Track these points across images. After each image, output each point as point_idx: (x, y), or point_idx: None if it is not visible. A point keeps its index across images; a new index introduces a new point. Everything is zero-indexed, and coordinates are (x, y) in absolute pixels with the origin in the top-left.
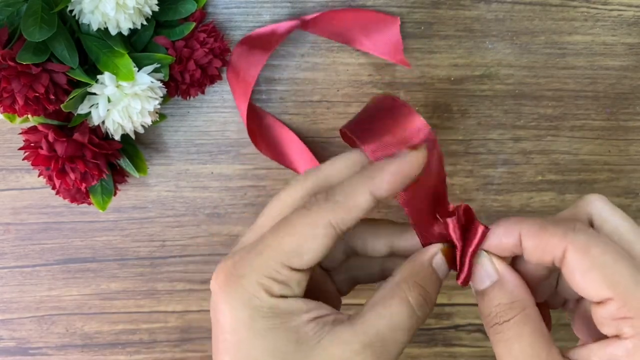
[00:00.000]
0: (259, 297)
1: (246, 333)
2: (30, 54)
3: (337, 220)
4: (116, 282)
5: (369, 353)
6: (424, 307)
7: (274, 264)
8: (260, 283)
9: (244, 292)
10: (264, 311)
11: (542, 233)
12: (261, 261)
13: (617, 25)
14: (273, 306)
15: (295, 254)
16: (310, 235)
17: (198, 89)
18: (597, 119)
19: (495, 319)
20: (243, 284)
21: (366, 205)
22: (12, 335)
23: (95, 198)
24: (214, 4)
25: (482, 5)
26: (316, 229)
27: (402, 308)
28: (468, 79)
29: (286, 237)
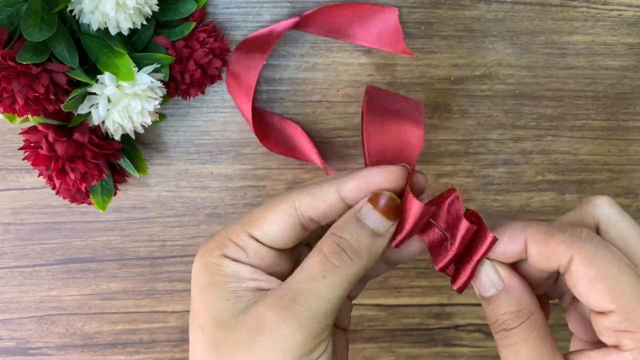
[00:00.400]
0: (212, 254)
1: (196, 287)
2: (30, 54)
3: (299, 202)
4: (116, 282)
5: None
6: (338, 254)
7: (236, 228)
8: (220, 242)
9: (204, 250)
10: (211, 267)
11: (548, 240)
12: (230, 227)
13: (617, 25)
14: (219, 264)
15: (256, 221)
16: (273, 209)
17: (198, 89)
18: (597, 119)
19: (503, 325)
20: (207, 245)
21: (329, 198)
22: (12, 335)
23: (95, 198)
24: (214, 4)
25: (482, 5)
26: (280, 205)
27: (314, 258)
28: (468, 79)
29: (255, 210)
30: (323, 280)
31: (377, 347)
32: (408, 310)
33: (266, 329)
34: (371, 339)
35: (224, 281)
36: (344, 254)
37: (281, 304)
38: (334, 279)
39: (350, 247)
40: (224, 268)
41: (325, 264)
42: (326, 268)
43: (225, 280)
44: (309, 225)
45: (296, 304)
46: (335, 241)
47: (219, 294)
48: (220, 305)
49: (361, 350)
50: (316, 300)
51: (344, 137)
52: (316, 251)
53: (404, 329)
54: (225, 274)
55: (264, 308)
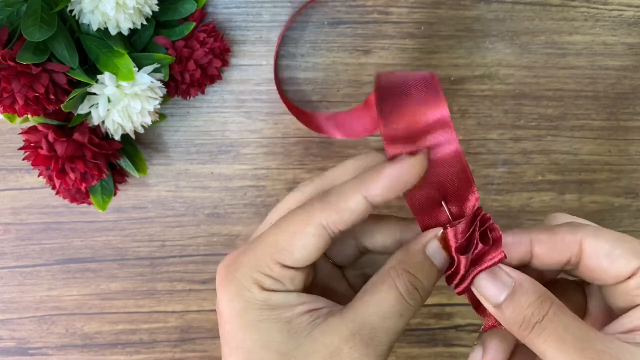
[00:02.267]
0: (251, 290)
1: (240, 324)
2: (30, 53)
3: (328, 220)
4: (116, 282)
5: (358, 340)
6: (413, 294)
7: (265, 260)
8: (253, 277)
9: (238, 285)
10: (257, 304)
11: (554, 235)
12: (254, 256)
13: (617, 25)
14: (265, 299)
15: (286, 251)
16: (301, 233)
17: (198, 88)
18: (597, 119)
19: (533, 318)
20: (237, 277)
21: (358, 208)
22: (12, 335)
23: (95, 198)
24: (213, 3)
25: (482, 5)
26: (307, 228)
27: (390, 295)
28: (468, 79)
29: (279, 234)
30: (400, 318)
31: None
32: None
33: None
34: None
35: (277, 315)
36: (417, 294)
37: (360, 339)
38: (408, 316)
39: (423, 287)
40: (269, 302)
41: (402, 304)
42: (403, 308)
43: (277, 315)
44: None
45: (375, 341)
46: (410, 281)
47: (276, 328)
48: (280, 339)
49: None
50: (393, 336)
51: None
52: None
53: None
54: (274, 306)
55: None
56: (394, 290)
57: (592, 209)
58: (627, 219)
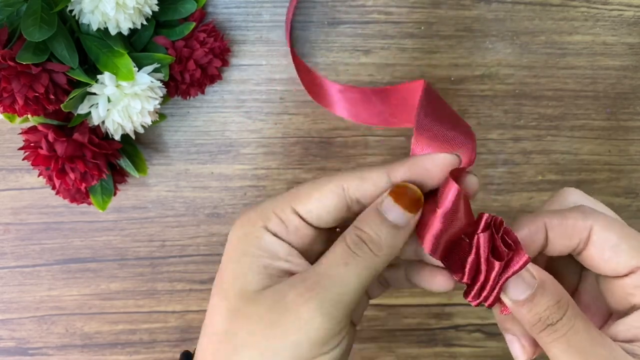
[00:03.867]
0: (254, 226)
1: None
2: (30, 53)
3: (348, 183)
4: (116, 282)
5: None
6: (359, 244)
7: (281, 202)
8: (263, 214)
9: (246, 219)
10: (250, 238)
11: (565, 220)
12: (273, 200)
13: (618, 25)
14: (259, 236)
15: (302, 198)
16: (320, 188)
17: (198, 88)
18: (597, 119)
19: (548, 321)
20: (250, 213)
21: (379, 182)
22: (12, 335)
23: (95, 198)
24: (213, 3)
25: (482, 5)
26: (328, 184)
27: (338, 247)
28: (468, 79)
29: (301, 188)
30: (345, 267)
31: (377, 347)
32: (408, 310)
33: (287, 309)
34: (371, 338)
35: (259, 254)
36: (364, 246)
37: (305, 285)
38: (356, 267)
39: (370, 239)
40: (262, 241)
41: (347, 253)
42: (348, 256)
43: (260, 254)
44: (354, 206)
45: (319, 287)
46: (356, 233)
47: (250, 267)
48: (248, 278)
49: (361, 350)
50: (338, 285)
51: (344, 137)
52: (339, 241)
53: (404, 329)
54: (262, 247)
55: (287, 287)
56: (340, 242)
57: None
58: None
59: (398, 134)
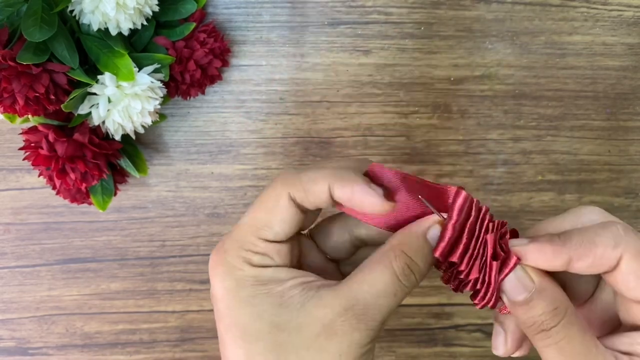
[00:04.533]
0: (242, 269)
1: (234, 301)
2: (31, 54)
3: (295, 194)
4: (116, 282)
5: (350, 315)
6: (409, 276)
7: (249, 237)
8: (241, 256)
9: (228, 266)
10: (248, 280)
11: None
12: (239, 237)
13: (617, 25)
14: (256, 275)
15: (266, 226)
16: (275, 207)
17: (198, 89)
18: (597, 119)
19: (542, 326)
20: (227, 258)
21: (322, 197)
22: (12, 335)
23: (95, 198)
24: (214, 4)
25: (482, 5)
26: (279, 201)
27: (385, 275)
28: (468, 79)
29: (257, 212)
30: (394, 297)
31: (377, 347)
32: (408, 310)
33: (337, 335)
34: None
35: (269, 288)
36: (413, 277)
37: (353, 314)
38: (402, 296)
39: (419, 270)
40: (261, 277)
41: (397, 284)
42: (398, 288)
43: (269, 287)
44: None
45: (368, 317)
46: (407, 263)
47: (269, 301)
48: (274, 311)
49: None
50: (386, 314)
51: (344, 137)
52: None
53: (404, 329)
54: (265, 281)
55: (332, 315)
56: (389, 270)
57: None
58: (627, 219)
59: (398, 134)
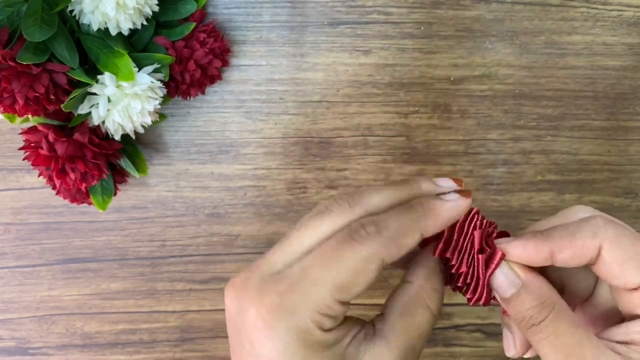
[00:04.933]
0: (313, 334)
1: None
2: (31, 54)
3: (388, 257)
4: (116, 282)
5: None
6: (440, 308)
7: (327, 300)
8: (314, 319)
9: (296, 329)
10: (318, 346)
11: (574, 242)
12: (315, 297)
13: (617, 25)
14: (325, 340)
15: (350, 289)
16: (363, 270)
17: (198, 89)
18: (597, 119)
19: (531, 320)
20: (295, 320)
21: (415, 244)
22: (12, 335)
23: (95, 198)
24: (214, 4)
25: (482, 5)
26: (369, 265)
27: (427, 316)
28: (468, 79)
29: (340, 271)
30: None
31: None
32: None
33: None
34: None
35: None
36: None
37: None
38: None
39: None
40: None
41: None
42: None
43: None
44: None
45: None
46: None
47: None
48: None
49: None
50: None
51: (344, 137)
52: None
53: None
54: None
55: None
56: (429, 311)
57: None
58: (627, 219)
59: (398, 134)
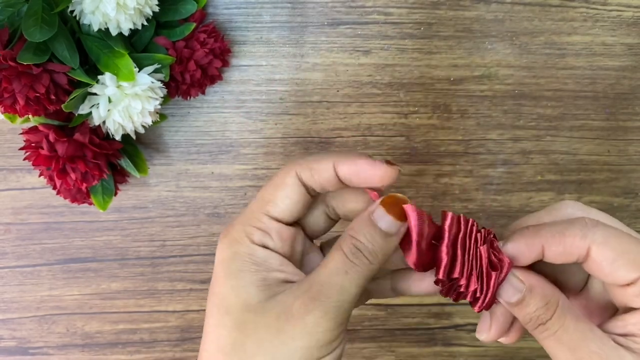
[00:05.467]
0: (241, 242)
1: (223, 271)
2: (31, 54)
3: (301, 173)
4: (117, 281)
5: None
6: (357, 254)
7: (256, 213)
8: (244, 230)
9: (230, 239)
10: (243, 255)
11: (563, 240)
12: (247, 212)
13: (617, 25)
14: (251, 252)
15: (271, 202)
16: (282, 184)
17: (198, 89)
18: (596, 119)
19: (538, 320)
20: (231, 231)
21: (326, 173)
22: (12, 334)
23: (95, 198)
24: (214, 4)
25: (482, 5)
26: (286, 179)
27: (336, 255)
28: (467, 79)
29: (265, 189)
30: (345, 275)
31: (377, 347)
32: (408, 310)
33: (294, 317)
34: (371, 338)
35: (256, 269)
36: (361, 254)
37: (309, 295)
38: (354, 275)
39: (366, 248)
40: (254, 257)
41: (346, 262)
42: (347, 265)
43: (256, 269)
44: (313, 192)
45: (322, 295)
46: (353, 243)
47: (250, 281)
48: (250, 291)
49: (361, 349)
50: (340, 292)
51: (344, 137)
52: (337, 250)
53: (403, 329)
54: (256, 262)
55: (292, 298)
56: (339, 251)
57: None
58: (627, 219)
59: (398, 134)
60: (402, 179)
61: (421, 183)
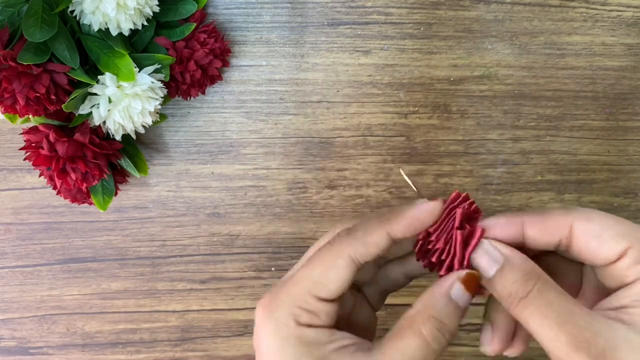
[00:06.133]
0: (288, 326)
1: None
2: (31, 54)
3: (356, 253)
4: (117, 281)
5: None
6: (439, 339)
7: (303, 294)
8: (291, 313)
9: (276, 322)
10: (293, 340)
11: (545, 218)
12: (292, 292)
13: (616, 25)
14: (301, 335)
15: (321, 284)
16: (333, 266)
17: (198, 89)
18: (596, 119)
19: (518, 294)
20: (275, 314)
21: (382, 243)
22: (12, 334)
23: (96, 198)
24: (214, 4)
25: (482, 6)
26: (338, 260)
27: (415, 341)
28: (467, 79)
29: (313, 269)
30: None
31: None
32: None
33: None
34: None
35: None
36: (443, 338)
37: None
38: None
39: (449, 330)
40: (304, 338)
41: (427, 349)
42: (428, 352)
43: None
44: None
45: None
46: (436, 326)
47: None
48: None
49: None
50: None
51: (344, 137)
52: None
53: None
54: (307, 342)
55: None
56: (419, 336)
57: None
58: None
59: (398, 134)
60: (402, 179)
61: (421, 183)
